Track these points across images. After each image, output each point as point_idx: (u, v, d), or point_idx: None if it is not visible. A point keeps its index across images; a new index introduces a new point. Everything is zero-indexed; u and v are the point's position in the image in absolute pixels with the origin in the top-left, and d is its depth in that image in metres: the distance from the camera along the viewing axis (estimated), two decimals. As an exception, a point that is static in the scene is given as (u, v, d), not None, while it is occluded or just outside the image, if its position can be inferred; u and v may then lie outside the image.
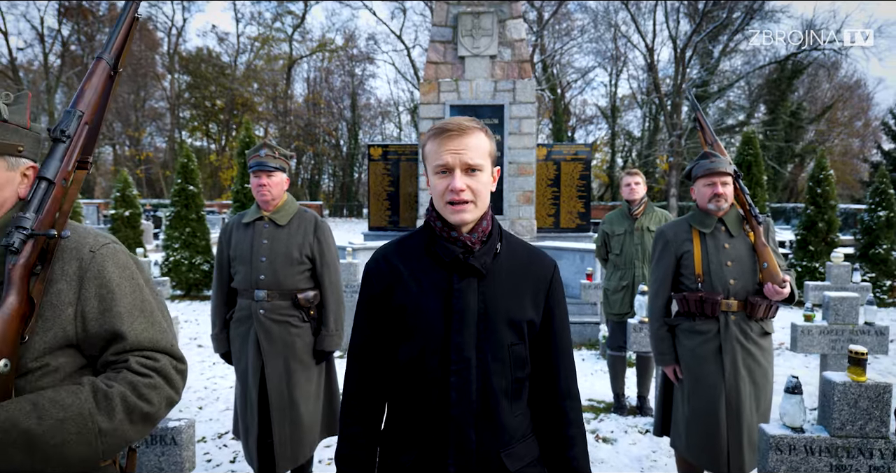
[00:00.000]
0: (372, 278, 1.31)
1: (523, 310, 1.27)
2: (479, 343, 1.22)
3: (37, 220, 1.07)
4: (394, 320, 1.27)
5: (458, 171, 1.21)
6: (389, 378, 1.31)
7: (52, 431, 0.97)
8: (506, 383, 1.25)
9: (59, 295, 1.08)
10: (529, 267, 1.31)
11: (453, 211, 1.21)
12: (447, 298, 1.23)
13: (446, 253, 1.24)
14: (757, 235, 2.60)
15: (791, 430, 2.03)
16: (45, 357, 1.06)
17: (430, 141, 1.26)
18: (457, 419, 1.20)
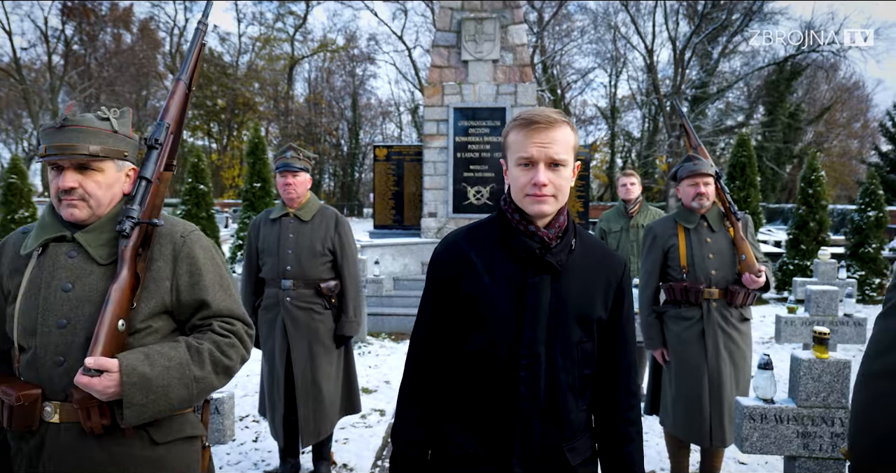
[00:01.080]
0: (441, 263, 1.29)
1: (593, 308, 1.26)
2: (549, 339, 1.22)
3: (140, 211, 1.34)
4: (463, 309, 1.25)
5: (541, 165, 1.18)
6: (452, 365, 1.29)
7: (160, 375, 1.25)
8: (573, 379, 1.25)
9: (159, 272, 1.35)
10: (602, 264, 1.29)
11: (533, 200, 1.19)
12: (520, 293, 1.21)
13: (522, 247, 1.22)
14: (736, 230, 2.88)
15: (763, 401, 2.30)
16: (148, 320, 1.33)
17: (514, 131, 1.22)
18: (524, 412, 1.21)
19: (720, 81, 31.96)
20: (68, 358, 1.27)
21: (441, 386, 1.31)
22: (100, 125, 1.32)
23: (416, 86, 34.44)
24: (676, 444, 3.03)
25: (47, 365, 1.27)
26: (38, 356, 1.28)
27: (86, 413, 1.25)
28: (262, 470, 3.32)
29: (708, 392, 2.80)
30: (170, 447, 1.36)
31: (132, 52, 34.37)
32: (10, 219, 9.36)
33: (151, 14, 40.42)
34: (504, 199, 1.30)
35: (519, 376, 1.21)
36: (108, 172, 1.34)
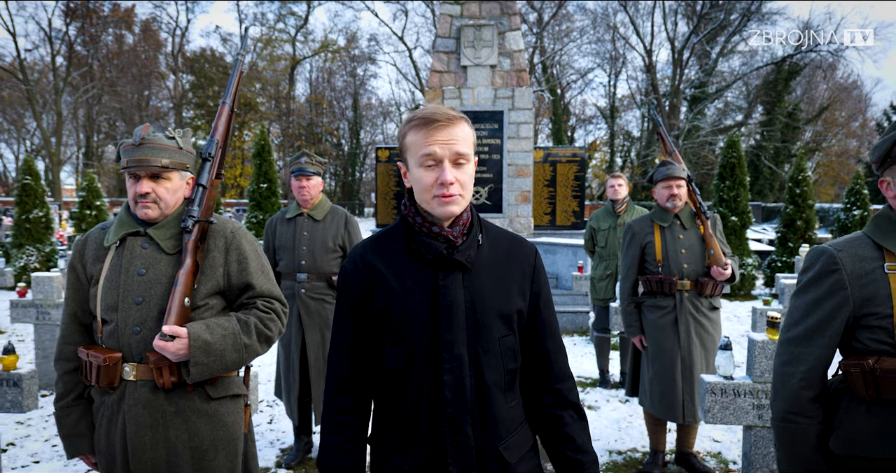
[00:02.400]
0: (351, 280, 1.24)
1: (511, 301, 1.24)
2: (469, 338, 1.19)
3: (199, 212, 1.67)
4: (378, 323, 1.22)
5: (447, 163, 1.15)
6: (375, 381, 1.26)
7: (218, 341, 1.57)
8: (499, 376, 1.22)
9: (214, 260, 1.68)
10: (512, 255, 1.27)
11: (442, 202, 1.16)
12: (433, 296, 1.18)
13: (429, 249, 1.18)
14: (705, 228, 3.20)
15: (723, 378, 2.62)
16: (206, 298, 1.66)
17: (413, 131, 1.17)
18: (453, 418, 1.17)
19: (719, 81, 32.23)
20: (143, 329, 1.60)
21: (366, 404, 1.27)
22: (168, 143, 1.65)
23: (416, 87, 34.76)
24: (654, 422, 3.35)
25: (126, 334, 1.60)
26: (118, 327, 1.60)
27: (158, 371, 1.57)
28: (277, 448, 3.64)
29: (681, 373, 3.12)
30: (221, 402, 1.69)
31: (134, 52, 34.66)
32: (24, 218, 9.68)
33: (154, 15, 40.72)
34: (404, 204, 1.27)
35: (443, 381, 1.17)
36: (174, 180, 1.67)
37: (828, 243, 1.48)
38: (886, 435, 1.35)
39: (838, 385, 1.50)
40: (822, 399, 1.48)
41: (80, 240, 1.72)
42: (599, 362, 4.98)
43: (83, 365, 1.63)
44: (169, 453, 1.60)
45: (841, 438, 1.42)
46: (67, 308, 1.70)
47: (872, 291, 1.37)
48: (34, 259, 9.34)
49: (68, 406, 1.69)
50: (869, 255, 1.40)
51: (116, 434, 1.61)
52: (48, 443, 3.66)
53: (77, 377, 1.69)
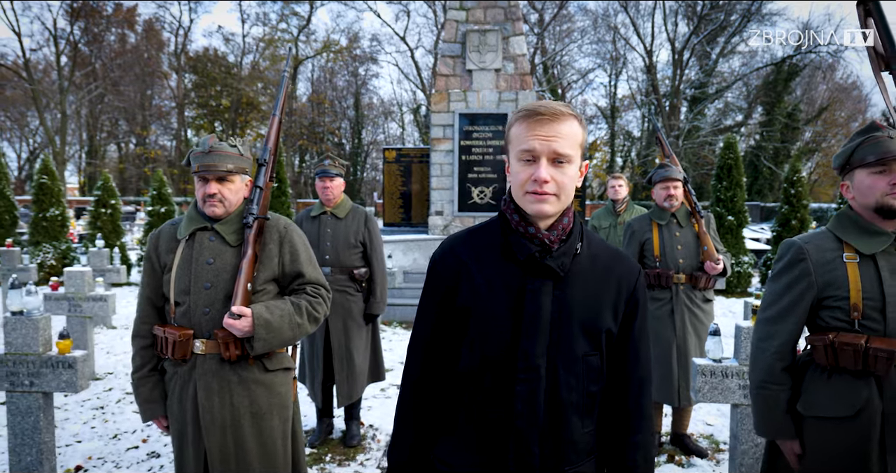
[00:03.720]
0: (439, 272, 1.22)
1: (601, 318, 1.16)
2: (550, 351, 1.12)
3: (257, 210, 1.93)
4: (459, 319, 1.18)
5: (544, 160, 1.09)
6: (449, 380, 1.21)
7: (276, 320, 1.84)
8: (577, 396, 1.14)
9: (270, 252, 1.94)
10: (611, 270, 1.19)
11: (533, 199, 1.10)
12: (518, 299, 1.12)
13: (521, 250, 1.13)
14: (700, 226, 3.46)
15: (713, 361, 2.89)
16: (264, 284, 1.92)
17: (517, 123, 1.13)
18: (520, 431, 1.11)
19: (719, 81, 32.46)
20: (212, 309, 1.86)
21: (438, 402, 1.23)
22: (231, 150, 1.91)
23: (418, 86, 34.98)
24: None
25: (197, 314, 1.86)
26: (190, 308, 1.87)
27: (225, 346, 1.84)
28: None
29: (676, 359, 3.39)
30: (275, 374, 1.96)
31: (136, 51, 34.90)
32: (41, 216, 9.95)
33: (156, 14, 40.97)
34: (504, 199, 1.22)
35: (515, 391, 1.11)
36: (236, 183, 1.93)
37: (797, 237, 1.75)
38: (840, 398, 1.62)
39: (805, 357, 1.76)
40: (792, 370, 1.75)
41: (153, 235, 1.99)
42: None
43: (159, 340, 1.90)
44: (233, 415, 1.87)
45: (805, 401, 1.69)
46: (143, 292, 1.97)
47: (833, 277, 1.64)
48: (51, 256, 9.60)
49: (144, 376, 1.96)
50: (830, 247, 1.67)
51: (188, 400, 1.87)
52: (87, 426, 3.92)
53: (152, 351, 1.96)
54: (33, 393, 2.96)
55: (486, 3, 8.51)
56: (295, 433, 2.06)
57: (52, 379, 2.93)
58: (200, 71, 36.60)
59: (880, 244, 1.60)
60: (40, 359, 2.92)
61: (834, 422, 1.63)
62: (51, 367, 2.92)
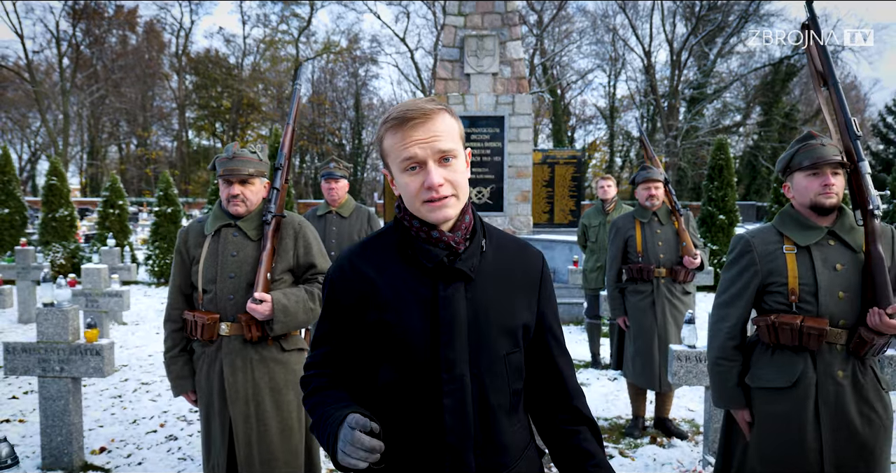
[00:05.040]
0: (337, 288, 1.13)
1: (517, 314, 1.13)
2: (472, 357, 1.07)
3: (275, 209, 2.19)
4: (369, 338, 1.10)
5: (431, 164, 1.03)
6: (366, 403, 1.14)
7: (292, 305, 2.09)
8: (504, 398, 1.11)
9: (286, 246, 2.20)
10: (517, 262, 1.16)
11: (433, 208, 1.04)
12: (433, 309, 1.06)
13: (428, 257, 1.07)
14: (679, 223, 3.72)
15: (688, 347, 3.14)
16: (281, 274, 2.18)
17: (389, 133, 1.06)
18: (454, 446, 1.06)
19: (717, 82, 32.70)
20: (236, 296, 2.12)
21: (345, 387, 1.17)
22: (252, 156, 2.17)
23: (417, 87, 35.25)
24: (636, 391, 3.87)
25: (223, 301, 2.12)
26: (216, 295, 2.12)
27: (248, 327, 2.09)
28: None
29: (658, 348, 3.64)
30: (291, 353, 2.22)
31: (137, 53, 35.15)
32: (51, 217, 10.21)
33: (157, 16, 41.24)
34: (397, 207, 1.14)
35: (443, 404, 1.05)
36: (256, 185, 2.19)
37: (745, 231, 2.01)
38: (781, 370, 1.87)
39: (753, 338, 2.02)
40: (742, 348, 2.00)
41: (182, 231, 2.24)
42: (591, 346, 5.50)
43: (189, 324, 2.15)
44: (254, 389, 2.12)
45: (753, 374, 1.95)
46: (174, 282, 2.23)
47: (775, 266, 1.89)
48: (60, 255, 9.86)
49: (175, 356, 2.22)
50: (773, 240, 1.93)
51: (215, 376, 2.13)
52: (107, 413, 4.18)
53: (182, 334, 2.22)
54: (63, 378, 3.22)
55: (483, 9, 8.77)
56: (307, 407, 2.32)
57: (81, 365, 3.18)
58: (201, 72, 36.88)
59: (814, 237, 1.86)
60: (70, 347, 3.18)
61: (776, 392, 1.88)
62: (80, 354, 3.18)
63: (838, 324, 1.81)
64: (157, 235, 9.99)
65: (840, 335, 1.81)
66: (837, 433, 1.80)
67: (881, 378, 1.86)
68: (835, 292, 1.81)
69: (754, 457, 1.93)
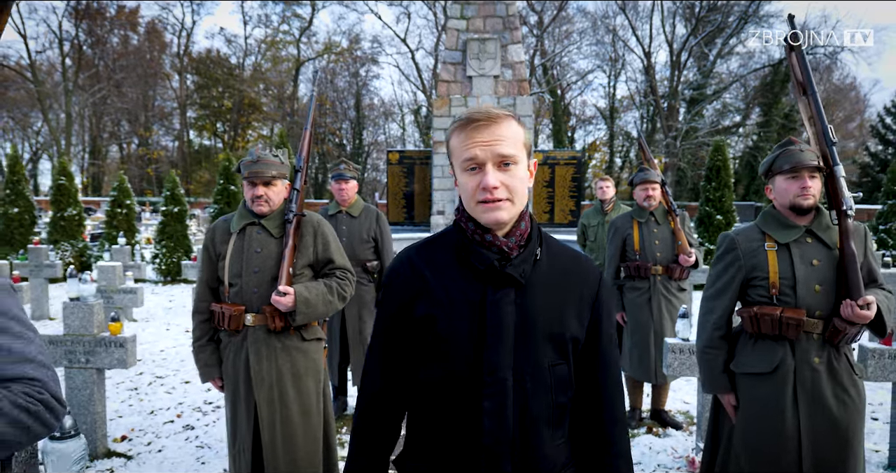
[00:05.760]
0: (395, 284, 1.18)
1: (566, 325, 1.12)
2: (516, 362, 1.08)
3: (296, 208, 2.36)
4: (417, 335, 1.14)
5: (489, 166, 1.07)
6: (411, 399, 1.18)
7: (313, 298, 2.26)
8: (546, 409, 1.10)
9: (306, 243, 2.37)
10: (573, 275, 1.16)
11: (486, 209, 1.08)
12: (480, 312, 1.09)
13: (480, 260, 1.10)
14: (675, 223, 3.89)
15: (681, 340, 3.31)
16: (301, 269, 2.35)
17: (455, 134, 1.11)
18: (490, 449, 1.06)
19: (717, 83, 32.84)
20: (260, 289, 2.29)
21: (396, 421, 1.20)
22: (274, 160, 2.33)
23: (418, 88, 35.40)
24: (633, 384, 4.04)
25: (248, 293, 2.29)
26: (242, 288, 2.29)
27: (272, 318, 2.26)
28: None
29: (653, 342, 3.81)
30: (310, 342, 2.38)
31: (139, 53, 35.31)
32: (59, 216, 10.38)
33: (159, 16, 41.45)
34: (457, 209, 1.19)
35: (482, 407, 1.06)
36: (278, 186, 2.36)
37: (731, 230, 2.17)
38: (762, 357, 2.04)
39: (738, 328, 2.19)
40: (728, 337, 2.17)
41: (210, 229, 2.41)
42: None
43: (216, 315, 2.32)
44: (277, 375, 2.29)
45: (737, 361, 2.12)
46: (201, 277, 2.40)
47: (757, 262, 2.06)
48: (69, 254, 10.03)
49: (203, 345, 2.39)
50: (756, 237, 2.09)
51: (241, 363, 2.30)
52: (125, 404, 4.35)
53: (209, 325, 2.39)
54: (88, 368, 3.39)
55: (485, 12, 8.94)
56: (325, 393, 2.49)
57: (106, 356, 3.36)
58: (203, 72, 37.03)
59: (793, 235, 2.03)
60: (95, 339, 3.35)
61: (758, 377, 2.05)
62: (104, 346, 3.35)
63: (815, 315, 1.98)
64: (164, 234, 10.15)
65: (816, 325, 1.97)
66: (814, 414, 1.97)
67: (854, 364, 2.03)
68: (811, 285, 1.98)
69: (739, 438, 2.10)
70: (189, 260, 9.91)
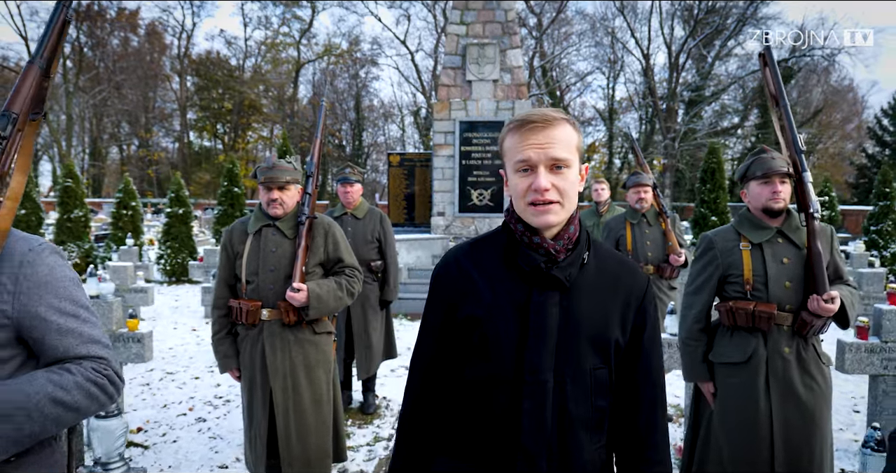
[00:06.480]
0: (442, 283, 1.20)
1: (609, 330, 1.13)
2: (557, 364, 1.09)
3: (308, 211, 2.54)
4: (463, 332, 1.16)
5: (542, 168, 1.08)
6: (452, 395, 1.19)
7: (324, 294, 2.44)
8: (586, 411, 1.12)
9: (318, 243, 2.55)
10: (620, 280, 1.17)
11: (536, 212, 1.09)
12: (524, 313, 1.10)
13: (527, 261, 1.11)
14: (666, 224, 4.07)
15: (670, 335, 3.49)
16: (313, 268, 2.53)
17: (510, 134, 1.12)
18: (528, 449, 1.08)
19: (715, 84, 33.03)
20: (275, 286, 2.47)
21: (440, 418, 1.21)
22: (288, 166, 2.52)
23: (418, 89, 35.58)
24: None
25: (264, 290, 2.47)
26: (259, 285, 2.48)
27: (286, 313, 2.45)
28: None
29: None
30: (321, 336, 2.57)
31: (139, 55, 35.48)
32: (66, 218, 10.56)
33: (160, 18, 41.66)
34: (507, 210, 1.20)
35: (522, 407, 1.08)
36: (291, 190, 2.54)
37: (710, 231, 2.36)
38: (737, 348, 2.22)
39: (716, 321, 2.37)
40: (707, 330, 2.35)
41: (227, 230, 2.60)
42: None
43: (234, 310, 2.51)
44: (291, 366, 2.48)
45: (715, 352, 2.30)
46: (220, 275, 2.59)
47: (733, 260, 2.25)
48: (75, 255, 10.21)
49: (222, 338, 2.57)
50: (731, 238, 2.28)
51: (257, 355, 2.48)
52: (138, 398, 4.53)
53: (227, 320, 2.57)
54: (107, 363, 3.56)
55: (484, 18, 9.14)
56: (334, 383, 2.67)
57: (124, 351, 3.53)
58: (203, 74, 37.20)
59: (766, 235, 2.21)
60: (113, 335, 3.53)
61: (734, 366, 2.23)
62: (122, 341, 3.53)
63: (785, 309, 2.16)
64: (169, 235, 10.33)
65: (786, 318, 2.16)
66: (784, 399, 2.15)
67: (821, 354, 2.22)
68: (782, 282, 2.17)
69: (717, 422, 2.28)
70: (195, 260, 10.08)
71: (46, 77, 1.27)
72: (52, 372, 1.14)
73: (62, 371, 1.14)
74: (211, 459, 3.45)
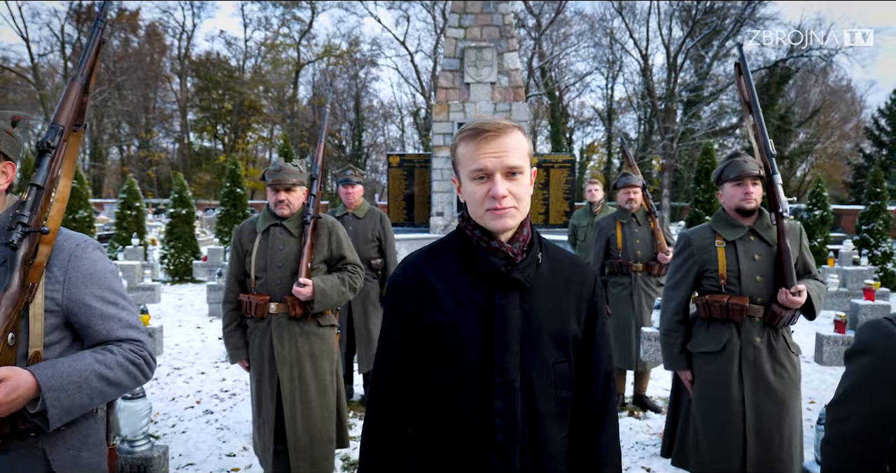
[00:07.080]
0: (401, 291, 1.20)
1: (567, 325, 1.19)
2: (522, 363, 1.14)
3: (313, 211, 2.71)
4: (426, 340, 1.17)
5: (498, 176, 1.11)
6: (418, 402, 1.21)
7: (329, 289, 2.61)
8: (551, 404, 1.17)
9: (322, 242, 2.72)
10: (571, 277, 1.22)
11: (495, 216, 1.12)
12: (488, 316, 1.13)
13: (487, 266, 1.14)
14: (655, 224, 4.24)
15: (656, 329, 3.66)
16: (318, 264, 2.70)
17: (463, 143, 1.15)
18: (501, 447, 1.12)
19: (713, 84, 33.19)
20: (283, 281, 2.64)
21: (404, 427, 1.23)
22: (295, 169, 2.68)
23: (417, 90, 35.73)
24: (616, 371, 4.39)
25: (272, 285, 2.64)
26: (267, 281, 2.64)
27: (293, 306, 2.61)
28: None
29: (634, 333, 4.16)
30: (325, 328, 2.74)
31: (139, 55, 35.62)
32: (70, 218, 10.71)
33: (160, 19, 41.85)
34: (462, 216, 1.23)
35: (493, 407, 1.12)
36: (298, 192, 2.71)
37: (687, 230, 2.53)
38: (713, 338, 2.39)
39: (694, 314, 2.54)
40: (686, 322, 2.52)
41: (237, 229, 2.77)
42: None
43: (244, 304, 2.67)
44: (297, 356, 2.64)
45: (693, 342, 2.47)
46: (231, 271, 2.75)
47: (708, 257, 2.41)
48: (80, 254, 10.36)
49: (232, 330, 2.74)
50: (707, 236, 2.45)
51: (265, 346, 2.65)
52: (147, 391, 4.68)
53: (237, 313, 2.74)
54: (120, 356, 3.73)
55: (482, 22, 9.31)
56: (337, 373, 2.84)
57: (136, 345, 3.70)
58: (203, 74, 37.34)
59: (739, 233, 2.38)
60: (126, 330, 3.70)
61: (710, 355, 2.40)
62: (134, 336, 3.70)
63: (756, 302, 2.33)
64: (172, 235, 10.50)
65: (758, 310, 2.33)
66: (756, 386, 2.32)
67: (791, 343, 2.39)
68: (753, 276, 2.33)
69: (695, 407, 2.45)
70: (198, 260, 10.24)
71: (86, 92, 1.44)
72: (97, 352, 1.30)
73: (105, 351, 1.31)
74: (219, 448, 3.62)
